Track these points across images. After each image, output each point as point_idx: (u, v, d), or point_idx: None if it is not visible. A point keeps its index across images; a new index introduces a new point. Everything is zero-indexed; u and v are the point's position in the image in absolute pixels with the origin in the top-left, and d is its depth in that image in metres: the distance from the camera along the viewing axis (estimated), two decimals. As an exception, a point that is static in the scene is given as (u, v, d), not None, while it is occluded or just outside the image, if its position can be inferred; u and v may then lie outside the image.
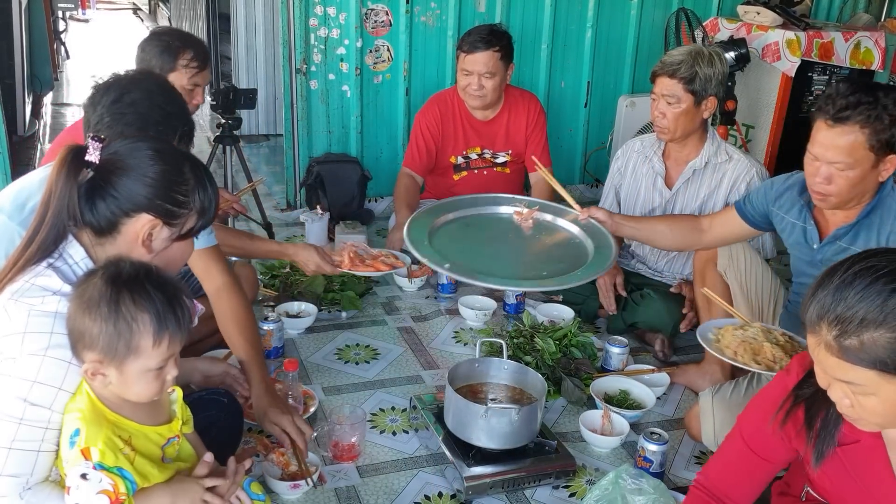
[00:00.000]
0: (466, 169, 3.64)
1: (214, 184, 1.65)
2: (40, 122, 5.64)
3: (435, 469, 2.18)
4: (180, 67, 2.75)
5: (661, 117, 2.77)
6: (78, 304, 1.41)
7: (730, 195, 2.82)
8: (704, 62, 2.71)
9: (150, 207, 1.53)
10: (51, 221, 1.49)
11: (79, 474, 1.37)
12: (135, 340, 1.39)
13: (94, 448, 1.38)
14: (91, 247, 1.55)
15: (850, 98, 2.00)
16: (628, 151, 3.10)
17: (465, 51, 3.36)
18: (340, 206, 3.91)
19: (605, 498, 1.80)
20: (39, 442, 1.41)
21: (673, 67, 2.71)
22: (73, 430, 1.40)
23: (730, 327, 2.30)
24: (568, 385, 2.52)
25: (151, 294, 1.41)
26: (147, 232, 1.54)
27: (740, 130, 4.16)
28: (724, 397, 2.22)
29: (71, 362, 1.41)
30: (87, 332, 1.39)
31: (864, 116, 1.98)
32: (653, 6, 4.48)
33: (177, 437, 1.55)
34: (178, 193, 1.55)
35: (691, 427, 2.30)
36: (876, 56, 4.17)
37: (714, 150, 2.84)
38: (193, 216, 1.60)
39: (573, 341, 2.72)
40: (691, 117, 2.76)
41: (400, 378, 2.62)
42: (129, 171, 1.52)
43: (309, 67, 3.97)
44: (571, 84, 4.49)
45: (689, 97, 2.72)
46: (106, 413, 1.44)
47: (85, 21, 11.62)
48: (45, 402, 1.40)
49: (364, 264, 2.91)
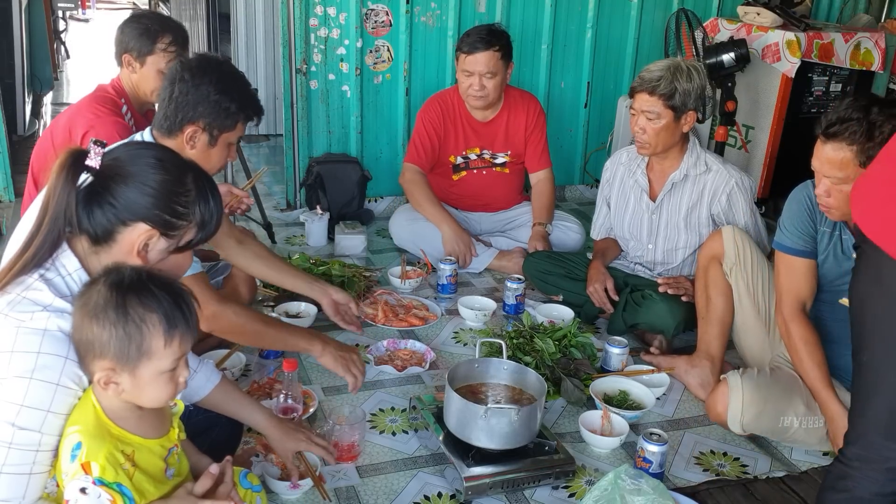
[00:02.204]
0: (466, 169, 3.65)
1: (218, 197, 1.61)
2: (40, 122, 5.64)
3: (435, 469, 2.18)
4: (158, 51, 2.77)
5: (641, 133, 2.77)
6: (83, 315, 1.38)
7: (712, 206, 2.83)
8: (683, 77, 2.71)
9: (148, 217, 1.49)
10: (48, 226, 1.46)
11: (78, 488, 1.35)
12: (146, 342, 1.38)
13: (95, 463, 1.36)
14: (85, 256, 1.51)
15: (842, 114, 2.02)
16: (616, 163, 3.11)
17: (464, 52, 3.36)
18: (340, 206, 3.92)
19: (605, 498, 1.81)
20: (31, 465, 1.38)
21: (652, 84, 2.71)
22: (75, 444, 1.38)
23: None
24: (567, 385, 2.53)
25: (157, 294, 1.39)
26: (143, 242, 1.50)
27: (740, 131, 4.16)
28: (752, 378, 2.23)
29: (59, 384, 1.38)
30: (97, 341, 1.37)
31: (850, 133, 1.99)
32: (653, 7, 4.48)
33: (175, 447, 1.54)
34: (177, 204, 1.51)
35: (716, 405, 2.31)
36: (876, 57, 4.17)
37: (693, 161, 2.84)
38: (193, 228, 1.56)
39: (573, 342, 2.72)
40: (671, 132, 2.77)
41: (400, 378, 2.62)
42: (128, 178, 1.49)
43: (309, 67, 3.97)
44: (571, 84, 4.49)
45: (669, 113, 2.72)
46: (110, 427, 1.42)
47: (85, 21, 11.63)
48: (34, 426, 1.37)
49: (398, 318, 2.92)
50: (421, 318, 2.95)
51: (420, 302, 3.09)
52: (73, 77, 7.70)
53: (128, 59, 2.79)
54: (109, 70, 2.99)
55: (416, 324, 2.91)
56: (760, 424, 2.28)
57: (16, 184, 4.17)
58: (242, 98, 2.18)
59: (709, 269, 2.62)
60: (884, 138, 1.95)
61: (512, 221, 3.70)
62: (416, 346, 2.78)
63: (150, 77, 2.80)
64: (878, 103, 2.01)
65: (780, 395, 2.27)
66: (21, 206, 2.97)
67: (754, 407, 2.25)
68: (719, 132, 3.88)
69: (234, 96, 2.15)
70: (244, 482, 1.69)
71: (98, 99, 2.77)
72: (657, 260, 3.02)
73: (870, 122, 1.98)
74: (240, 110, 2.17)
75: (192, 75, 2.12)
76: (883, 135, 1.96)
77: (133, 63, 2.79)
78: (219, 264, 2.83)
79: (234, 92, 2.15)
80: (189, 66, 2.14)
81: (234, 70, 2.24)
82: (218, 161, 2.22)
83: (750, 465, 2.29)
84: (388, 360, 2.70)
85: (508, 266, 3.43)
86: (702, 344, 2.63)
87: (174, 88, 2.12)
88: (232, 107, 2.14)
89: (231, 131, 2.18)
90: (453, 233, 3.42)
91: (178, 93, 2.11)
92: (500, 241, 3.59)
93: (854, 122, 2.00)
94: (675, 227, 2.93)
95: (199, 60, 2.18)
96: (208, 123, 2.13)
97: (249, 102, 2.21)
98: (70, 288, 1.47)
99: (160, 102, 2.18)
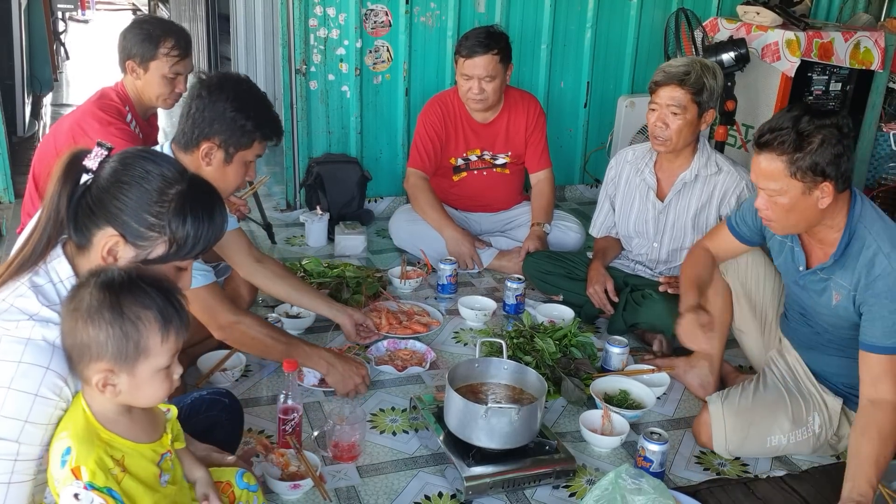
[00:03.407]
0: (466, 170, 3.65)
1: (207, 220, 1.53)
2: (40, 123, 5.64)
3: (435, 469, 2.18)
4: (161, 56, 2.78)
5: (662, 128, 2.74)
6: (75, 318, 1.37)
7: (721, 208, 2.82)
8: (709, 74, 2.71)
9: (116, 221, 1.46)
10: (43, 225, 1.46)
11: (71, 493, 1.35)
12: (143, 340, 1.38)
13: (84, 468, 1.36)
14: (75, 260, 1.50)
15: (773, 124, 2.02)
16: (621, 162, 3.09)
17: (463, 55, 3.35)
18: (340, 206, 3.91)
19: (605, 498, 1.80)
20: (9, 474, 1.37)
21: (680, 76, 2.68)
22: (65, 449, 1.37)
23: None
24: (568, 385, 2.53)
25: (149, 292, 1.39)
26: (108, 247, 1.47)
27: (740, 130, 4.16)
28: (733, 403, 2.23)
29: (37, 394, 1.36)
30: (94, 342, 1.37)
31: (779, 143, 1.98)
32: (653, 6, 4.48)
33: (169, 453, 1.54)
34: (149, 214, 1.47)
35: (700, 434, 2.31)
36: (875, 56, 4.17)
37: (704, 161, 2.83)
38: (163, 244, 1.49)
39: (573, 341, 2.73)
40: (693, 129, 2.75)
41: (400, 378, 2.62)
42: (112, 183, 1.47)
43: (308, 68, 3.97)
44: (571, 84, 4.49)
45: (695, 108, 2.70)
46: (100, 431, 1.42)
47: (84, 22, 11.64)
48: (11, 436, 1.35)
49: (402, 326, 2.91)
50: (424, 325, 2.93)
51: (421, 308, 3.07)
52: (72, 78, 7.70)
53: (131, 65, 2.80)
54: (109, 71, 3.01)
55: (420, 331, 2.89)
56: (747, 448, 2.28)
57: (16, 185, 4.17)
58: (259, 117, 2.18)
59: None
60: (813, 149, 1.95)
61: (512, 221, 3.70)
62: (417, 346, 2.78)
63: (154, 82, 2.81)
64: (809, 113, 1.99)
65: (763, 416, 2.27)
66: (21, 209, 2.97)
67: (738, 433, 2.26)
68: (719, 132, 3.88)
69: (251, 114, 2.15)
70: (240, 483, 1.69)
71: (102, 106, 2.77)
72: (661, 258, 3.01)
73: (798, 132, 1.95)
74: (256, 129, 2.17)
75: (209, 92, 2.13)
76: (812, 145, 1.95)
77: (137, 69, 2.80)
78: (219, 266, 2.82)
79: (250, 110, 2.16)
80: (207, 84, 2.16)
81: (253, 89, 2.24)
82: (234, 178, 2.24)
83: (750, 464, 2.29)
84: (388, 360, 2.70)
85: (508, 266, 3.43)
86: None
87: (192, 105, 2.14)
88: (248, 125, 2.15)
89: (247, 149, 2.20)
90: (457, 239, 3.42)
91: (194, 109, 2.14)
92: (500, 241, 3.59)
93: (784, 131, 1.97)
94: (683, 228, 2.92)
95: (218, 77, 2.20)
96: (224, 140, 2.15)
97: (267, 122, 2.21)
98: (60, 296, 1.46)
99: (180, 118, 2.19)
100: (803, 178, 1.97)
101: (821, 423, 2.26)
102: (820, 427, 2.26)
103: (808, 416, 2.26)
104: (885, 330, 2.00)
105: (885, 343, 2.00)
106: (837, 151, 1.95)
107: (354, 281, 3.08)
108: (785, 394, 2.30)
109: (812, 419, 2.26)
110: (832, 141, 1.94)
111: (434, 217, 3.48)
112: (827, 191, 1.98)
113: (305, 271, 3.13)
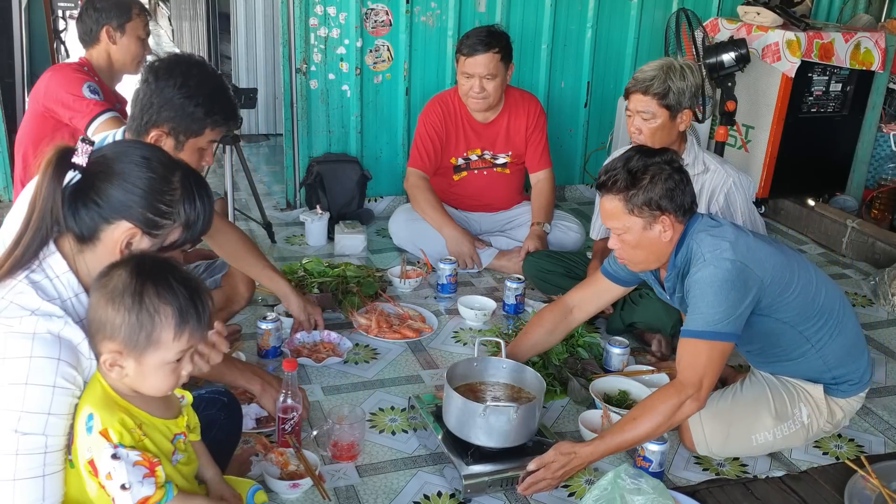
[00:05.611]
0: (466, 169, 3.65)
1: (207, 197, 1.56)
2: (40, 122, 5.63)
3: (434, 468, 2.18)
4: (135, 16, 2.94)
5: (637, 133, 2.78)
6: (101, 295, 1.40)
7: (710, 206, 2.82)
8: (676, 76, 2.72)
9: (131, 215, 1.47)
10: (35, 224, 1.46)
11: (109, 455, 1.37)
12: (156, 333, 1.39)
13: (111, 429, 1.39)
14: (72, 255, 1.50)
15: (608, 165, 2.15)
16: None
17: (464, 54, 3.35)
18: (340, 205, 3.92)
19: (604, 497, 1.80)
20: (42, 467, 1.39)
21: (646, 84, 2.72)
22: (87, 416, 1.40)
23: None
24: (574, 385, 2.53)
25: (175, 288, 1.41)
26: (126, 241, 1.48)
27: (740, 131, 4.16)
28: (711, 406, 2.23)
29: (55, 385, 1.38)
30: (110, 323, 1.39)
31: (613, 182, 2.08)
32: (653, 6, 4.48)
33: (183, 434, 1.55)
34: (162, 203, 1.49)
35: (684, 438, 2.31)
36: (876, 57, 4.18)
37: (692, 160, 2.83)
38: (178, 228, 1.53)
39: (580, 341, 2.73)
40: (668, 131, 2.77)
41: (399, 378, 2.62)
42: (113, 176, 1.48)
43: (309, 67, 3.97)
44: (571, 84, 4.49)
45: (664, 112, 2.72)
46: (117, 399, 1.44)
47: (85, 21, 11.63)
48: (37, 430, 1.37)
49: (392, 329, 2.88)
50: (415, 330, 2.89)
51: (417, 312, 3.04)
52: (73, 77, 7.68)
53: (108, 31, 2.92)
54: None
55: (410, 336, 2.85)
56: (732, 449, 2.28)
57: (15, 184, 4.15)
58: (211, 102, 2.06)
59: None
60: (644, 185, 2.05)
61: (512, 221, 3.70)
62: (332, 336, 2.76)
63: (131, 45, 2.95)
64: (639, 152, 2.12)
65: (742, 416, 2.27)
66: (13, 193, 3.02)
67: (718, 435, 2.26)
68: (719, 132, 3.88)
69: (200, 101, 2.03)
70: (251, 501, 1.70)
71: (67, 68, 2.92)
72: None
73: (629, 171, 2.06)
74: (207, 115, 2.05)
75: (155, 77, 2.04)
76: (643, 181, 2.05)
77: (113, 34, 2.92)
78: (216, 262, 2.81)
79: (200, 96, 2.03)
80: (154, 68, 2.06)
81: (206, 72, 2.12)
82: None
83: (749, 465, 2.29)
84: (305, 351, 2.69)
85: (508, 266, 3.43)
86: None
87: (140, 90, 2.05)
88: (198, 111, 2.03)
89: (199, 136, 2.07)
90: (457, 238, 3.43)
91: (143, 94, 2.05)
92: (500, 240, 3.59)
93: (616, 171, 2.08)
94: None
95: (168, 61, 2.08)
96: (173, 128, 2.04)
97: (218, 107, 2.08)
98: (58, 291, 1.47)
99: (131, 102, 2.12)
100: (641, 214, 2.07)
101: (808, 413, 2.27)
102: (808, 417, 2.27)
103: (793, 409, 2.27)
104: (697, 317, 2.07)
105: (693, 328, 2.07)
106: (670, 185, 2.06)
107: (356, 280, 3.08)
108: (768, 391, 2.30)
109: (798, 411, 2.27)
110: (662, 176, 2.06)
111: (434, 216, 3.48)
112: (667, 223, 2.09)
113: (306, 271, 3.13)
